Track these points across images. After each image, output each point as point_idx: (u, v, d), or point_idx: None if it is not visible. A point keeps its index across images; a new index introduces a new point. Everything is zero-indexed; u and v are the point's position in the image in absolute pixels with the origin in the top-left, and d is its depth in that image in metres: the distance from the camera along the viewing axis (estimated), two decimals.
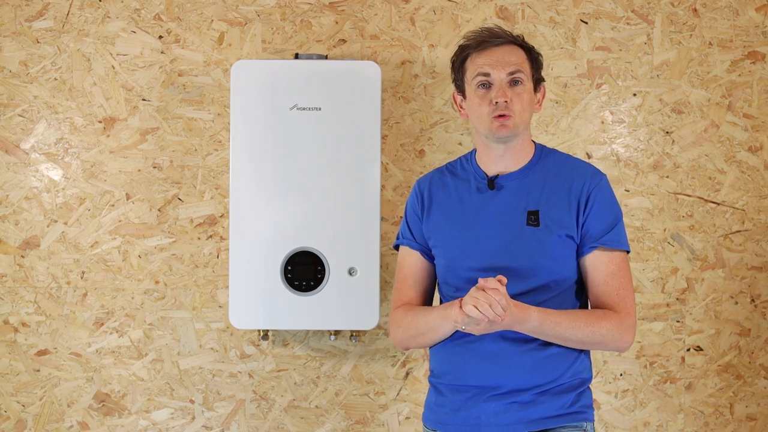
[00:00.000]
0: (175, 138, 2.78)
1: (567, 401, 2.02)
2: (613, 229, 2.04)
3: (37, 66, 2.78)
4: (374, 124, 2.56)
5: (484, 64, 2.04)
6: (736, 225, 2.79)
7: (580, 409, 2.03)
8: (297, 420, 2.79)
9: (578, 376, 2.04)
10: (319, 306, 2.58)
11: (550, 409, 2.00)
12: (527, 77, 2.06)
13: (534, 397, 2.00)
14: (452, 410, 2.05)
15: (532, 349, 2.01)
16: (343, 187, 2.56)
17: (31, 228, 2.78)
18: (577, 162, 2.14)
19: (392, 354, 2.79)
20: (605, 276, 2.03)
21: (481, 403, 2.01)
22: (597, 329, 1.99)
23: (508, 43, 2.07)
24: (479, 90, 2.05)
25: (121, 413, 2.79)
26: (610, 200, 2.07)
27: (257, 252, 2.56)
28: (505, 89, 2.02)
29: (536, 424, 1.99)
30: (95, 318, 2.78)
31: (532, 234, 2.02)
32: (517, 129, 2.04)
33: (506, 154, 2.08)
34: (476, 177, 2.11)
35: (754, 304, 2.80)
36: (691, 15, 2.79)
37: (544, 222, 2.02)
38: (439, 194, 2.14)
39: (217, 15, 2.79)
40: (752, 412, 2.80)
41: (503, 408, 2.00)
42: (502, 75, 2.03)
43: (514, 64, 2.04)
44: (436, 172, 2.21)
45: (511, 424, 2.00)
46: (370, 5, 2.79)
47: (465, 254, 2.05)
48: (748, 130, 2.79)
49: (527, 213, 2.03)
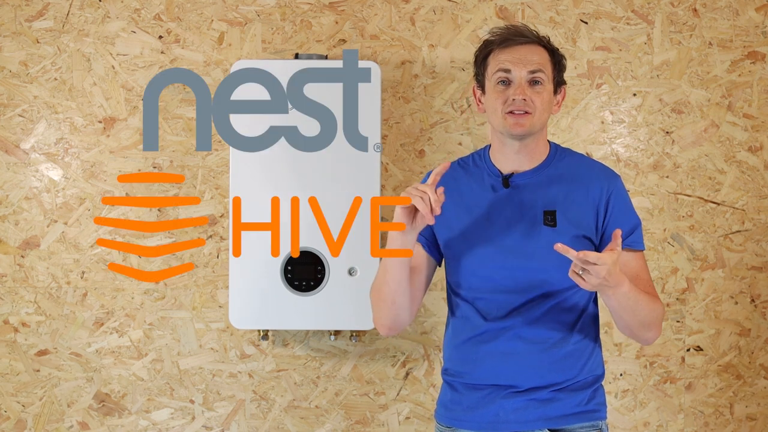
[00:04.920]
0: (175, 138, 2.78)
1: (583, 398, 2.03)
2: (636, 231, 2.05)
3: (37, 66, 2.78)
4: (374, 124, 2.56)
5: (506, 60, 2.03)
6: (736, 225, 2.79)
7: (596, 407, 2.05)
8: (297, 420, 2.79)
9: (593, 373, 2.06)
10: (319, 306, 2.58)
11: (568, 406, 2.01)
12: (548, 78, 2.04)
13: (552, 394, 2.01)
14: (469, 407, 2.05)
15: (549, 348, 2.02)
16: (342, 187, 2.56)
17: (31, 228, 2.78)
18: (592, 162, 2.14)
19: (392, 354, 2.79)
20: (636, 272, 2.04)
21: (499, 400, 2.02)
22: (657, 308, 2.01)
23: (533, 43, 2.05)
24: (498, 86, 2.03)
25: (121, 413, 2.79)
26: (628, 202, 2.08)
27: (257, 252, 2.56)
28: (524, 87, 2.01)
29: (555, 422, 2.00)
30: (95, 318, 2.78)
31: (549, 234, 2.01)
32: (533, 128, 2.02)
33: (521, 152, 2.06)
34: (490, 174, 2.10)
35: (754, 304, 2.80)
36: (691, 15, 2.79)
37: (561, 222, 2.02)
38: (451, 189, 2.10)
39: (217, 15, 2.79)
40: (752, 412, 2.80)
41: (522, 405, 2.01)
42: (522, 73, 2.01)
43: (536, 63, 2.02)
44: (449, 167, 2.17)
45: (530, 421, 2.00)
46: (370, 5, 2.79)
47: (479, 253, 2.04)
48: (748, 130, 2.79)
49: (544, 212, 2.02)
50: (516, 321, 2.02)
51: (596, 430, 2.03)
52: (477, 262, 2.04)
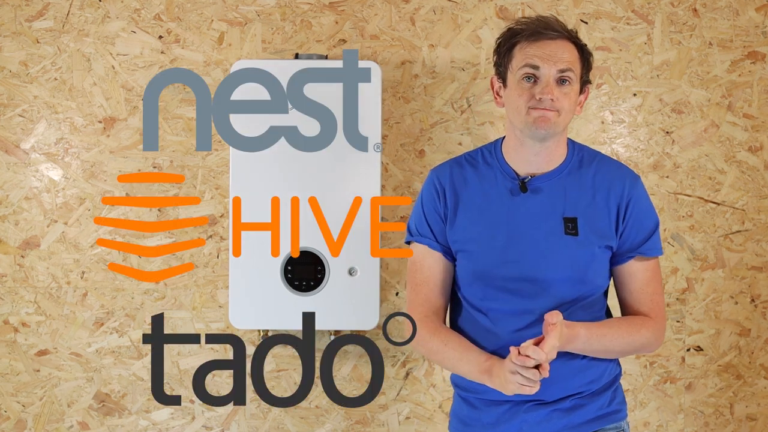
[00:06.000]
0: (175, 138, 2.78)
1: (605, 401, 1.97)
2: (652, 237, 1.96)
3: (37, 66, 2.78)
4: (374, 124, 2.56)
5: (534, 55, 1.89)
6: (736, 225, 2.79)
7: (617, 407, 2.00)
8: (297, 420, 2.79)
9: (612, 374, 2.01)
10: (319, 306, 2.58)
11: (591, 411, 1.95)
12: (576, 78, 1.92)
13: (574, 402, 1.94)
14: (490, 424, 1.98)
15: (570, 359, 1.93)
16: (343, 187, 2.56)
17: (31, 228, 2.78)
18: (611, 163, 2.03)
19: (392, 354, 2.79)
20: (641, 284, 1.97)
21: (521, 414, 1.95)
22: (638, 338, 1.93)
23: (563, 38, 1.91)
24: (524, 82, 1.91)
25: (121, 413, 2.79)
26: (648, 206, 1.98)
27: (257, 252, 2.55)
28: (552, 86, 1.89)
29: (579, 429, 1.94)
30: (95, 318, 2.78)
31: (571, 244, 1.91)
32: (557, 127, 1.91)
33: (541, 154, 1.95)
34: (504, 174, 1.98)
35: (754, 304, 2.80)
36: (691, 15, 2.79)
37: (583, 231, 1.92)
38: (462, 192, 1.99)
39: (217, 15, 2.79)
40: (752, 412, 2.80)
41: (545, 417, 1.94)
42: (552, 71, 1.89)
43: (567, 61, 1.90)
44: (454, 165, 2.06)
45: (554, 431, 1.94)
46: (370, 5, 2.79)
47: (497, 262, 1.93)
48: (748, 130, 2.79)
49: (564, 220, 1.92)
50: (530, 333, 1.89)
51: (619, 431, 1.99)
52: (493, 271, 1.94)
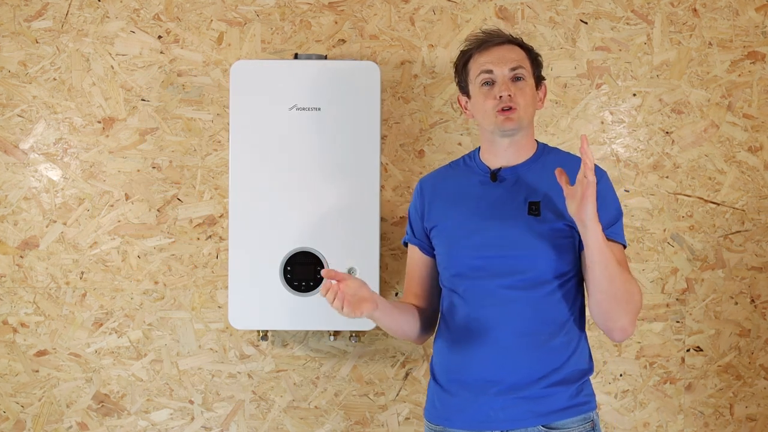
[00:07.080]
0: (175, 138, 2.78)
1: (572, 392, 2.03)
2: (616, 223, 2.07)
3: (36, 66, 2.77)
4: (374, 124, 2.56)
5: (486, 62, 2.11)
6: (736, 225, 2.79)
7: (585, 399, 2.06)
8: (296, 421, 2.79)
9: (578, 367, 2.06)
10: (319, 306, 2.57)
11: (558, 401, 2.01)
12: (528, 74, 2.13)
13: (539, 391, 2.01)
14: (458, 407, 2.06)
15: (534, 341, 2.02)
16: (342, 187, 2.56)
17: (30, 228, 2.77)
18: (579, 158, 2.13)
19: (392, 354, 2.79)
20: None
21: (488, 399, 2.03)
22: (634, 292, 1.99)
23: (508, 43, 2.15)
24: (483, 88, 2.12)
25: (120, 414, 2.79)
26: (612, 195, 2.10)
27: (257, 252, 2.55)
28: (508, 84, 2.09)
29: (546, 418, 2.01)
30: (94, 318, 2.78)
31: (532, 223, 2.05)
32: (521, 122, 2.09)
33: (510, 148, 2.13)
34: (479, 171, 2.16)
35: (754, 305, 2.79)
36: (691, 15, 2.79)
37: (544, 212, 2.05)
38: (440, 187, 2.19)
39: (216, 15, 2.78)
40: (752, 412, 2.80)
41: (511, 402, 2.01)
42: (504, 71, 2.10)
43: (515, 60, 2.11)
44: (439, 171, 2.27)
45: (520, 419, 2.01)
46: (369, 5, 2.79)
47: (464, 242, 2.08)
48: (748, 131, 2.79)
49: (528, 203, 2.06)
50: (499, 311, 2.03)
51: (588, 422, 2.04)
52: (460, 251, 2.09)
